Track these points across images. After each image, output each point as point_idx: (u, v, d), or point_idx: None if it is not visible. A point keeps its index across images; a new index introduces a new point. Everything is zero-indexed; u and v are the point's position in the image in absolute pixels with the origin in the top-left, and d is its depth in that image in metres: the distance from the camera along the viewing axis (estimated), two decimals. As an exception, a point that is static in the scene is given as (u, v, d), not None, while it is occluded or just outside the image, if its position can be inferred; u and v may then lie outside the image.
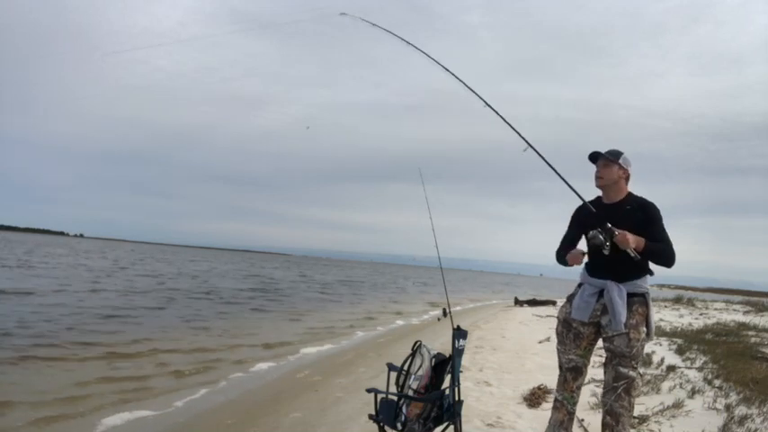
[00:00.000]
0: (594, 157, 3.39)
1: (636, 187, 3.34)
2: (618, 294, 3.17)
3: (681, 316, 16.49)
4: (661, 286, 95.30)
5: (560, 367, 3.43)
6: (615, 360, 3.15)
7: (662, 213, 3.24)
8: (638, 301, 3.19)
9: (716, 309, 20.67)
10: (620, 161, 3.30)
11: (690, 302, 23.27)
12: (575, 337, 3.34)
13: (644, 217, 3.20)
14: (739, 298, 35.58)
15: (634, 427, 4.19)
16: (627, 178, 3.35)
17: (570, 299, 3.44)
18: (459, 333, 3.07)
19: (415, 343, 3.42)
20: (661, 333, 10.78)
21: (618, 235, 3.10)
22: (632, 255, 3.10)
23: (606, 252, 3.16)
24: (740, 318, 16.05)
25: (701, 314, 17.45)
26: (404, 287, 36.44)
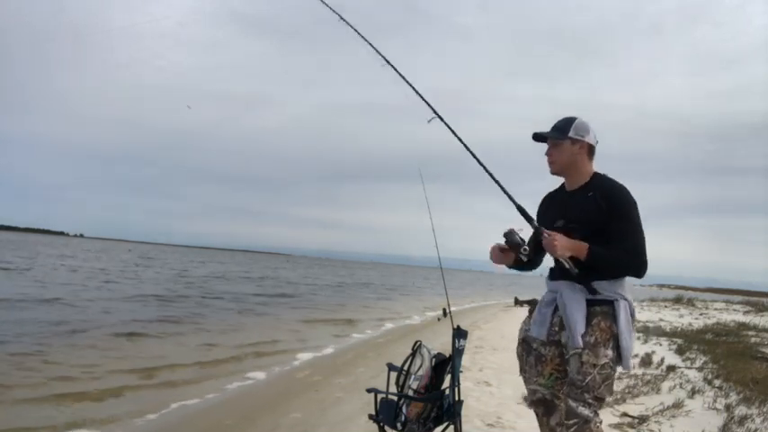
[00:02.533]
0: (541, 138, 2.55)
1: (635, 187, 2.49)
2: (571, 298, 2.35)
3: (681, 316, 16.51)
4: (661, 286, 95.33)
5: (528, 401, 2.70)
6: (566, 389, 2.36)
7: (639, 204, 2.39)
8: (602, 312, 2.32)
9: (716, 309, 20.68)
10: (571, 134, 2.42)
11: (690, 302, 23.30)
12: (536, 361, 2.58)
13: (606, 207, 2.32)
14: (739, 298, 35.57)
15: (634, 427, 4.19)
16: (589, 152, 2.47)
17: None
18: (460, 333, 3.06)
19: (415, 343, 3.42)
20: (661, 333, 10.79)
21: (545, 238, 2.30)
22: (567, 266, 2.32)
23: (525, 258, 2.42)
24: (740, 318, 16.06)
25: (701, 314, 17.47)
26: (420, 288, 36.41)
